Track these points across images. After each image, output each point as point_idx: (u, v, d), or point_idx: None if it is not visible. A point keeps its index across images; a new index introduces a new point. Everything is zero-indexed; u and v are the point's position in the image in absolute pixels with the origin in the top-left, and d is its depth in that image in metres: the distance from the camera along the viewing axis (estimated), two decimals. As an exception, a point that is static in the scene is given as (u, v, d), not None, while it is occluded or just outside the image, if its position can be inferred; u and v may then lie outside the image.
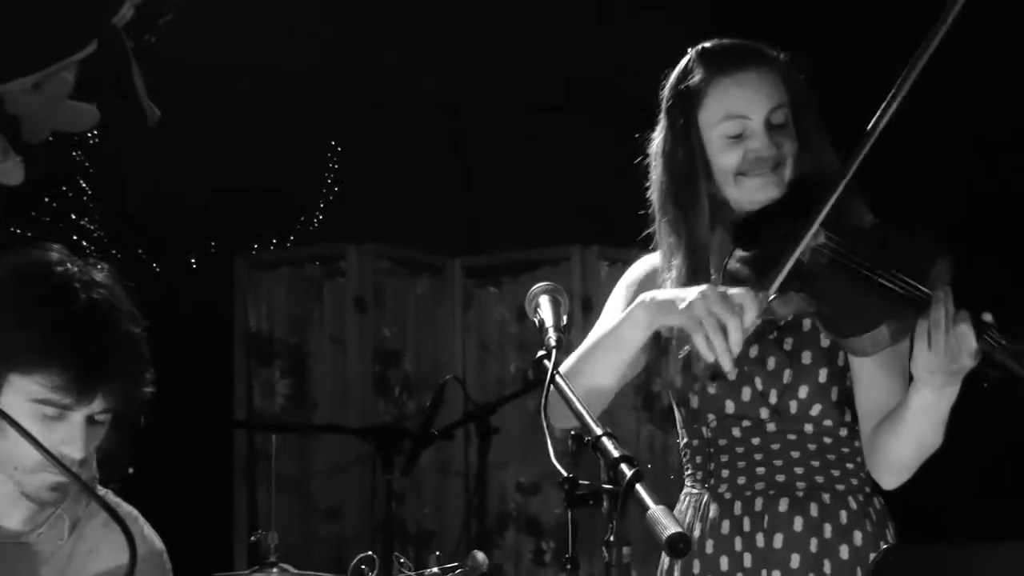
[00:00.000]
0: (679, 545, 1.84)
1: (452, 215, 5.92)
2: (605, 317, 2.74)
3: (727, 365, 2.38)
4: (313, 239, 6.03)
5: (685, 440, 2.79)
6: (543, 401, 2.22)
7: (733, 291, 2.41)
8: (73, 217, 5.73)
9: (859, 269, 2.45)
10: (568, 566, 3.76)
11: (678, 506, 2.74)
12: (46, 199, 5.48)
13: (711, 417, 2.70)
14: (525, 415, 5.30)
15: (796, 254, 2.45)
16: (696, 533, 2.69)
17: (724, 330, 2.38)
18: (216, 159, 5.55)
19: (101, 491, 2.57)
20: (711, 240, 2.65)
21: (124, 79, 4.59)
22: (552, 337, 2.31)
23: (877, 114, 2.40)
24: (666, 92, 2.71)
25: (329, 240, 5.80)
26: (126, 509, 2.59)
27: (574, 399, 2.20)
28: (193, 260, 6.06)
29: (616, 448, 2.01)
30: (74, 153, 5.63)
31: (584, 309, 5.39)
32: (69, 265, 2.41)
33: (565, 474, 2.09)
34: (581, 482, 2.10)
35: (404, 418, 5.40)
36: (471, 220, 5.96)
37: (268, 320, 5.70)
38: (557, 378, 2.25)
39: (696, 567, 2.70)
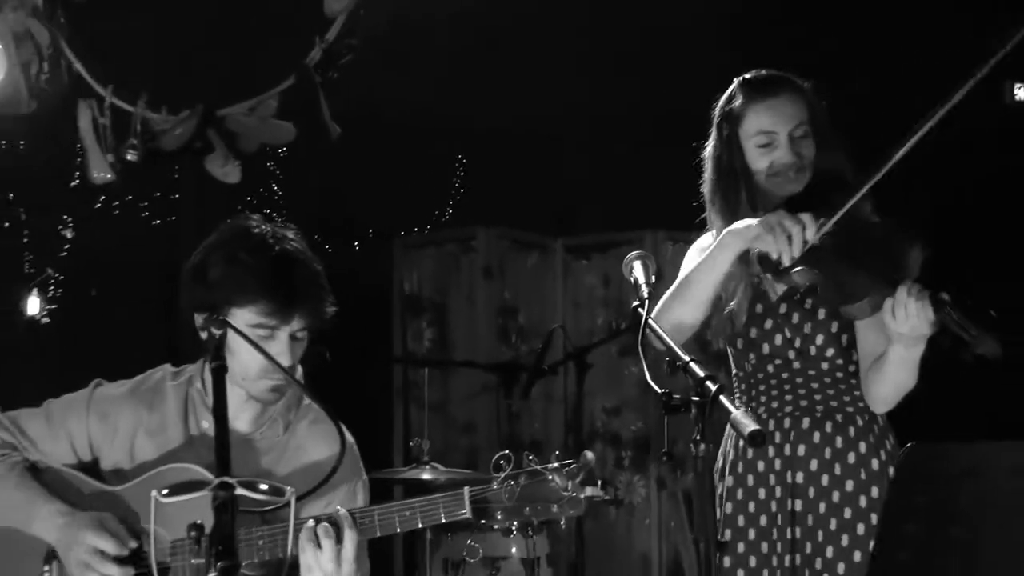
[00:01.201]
0: (758, 438, 1.89)
1: (555, 205, 5.91)
2: (681, 273, 2.78)
3: (787, 261, 2.45)
4: (452, 224, 6.04)
5: (733, 373, 2.83)
6: (639, 337, 2.25)
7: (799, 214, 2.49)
8: (266, 211, 5.79)
9: (852, 255, 2.50)
10: (664, 458, 3.88)
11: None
12: (248, 198, 5.54)
13: (752, 356, 2.75)
14: (609, 356, 5.34)
15: (828, 227, 2.50)
16: (743, 443, 2.70)
17: (789, 236, 2.46)
18: (375, 166, 5.58)
19: (306, 401, 2.65)
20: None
21: (313, 105, 4.64)
22: (644, 290, 2.35)
23: (901, 149, 2.40)
24: (716, 111, 2.79)
25: (464, 225, 5.81)
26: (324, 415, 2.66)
27: (663, 334, 2.25)
28: (356, 243, 6.10)
29: (701, 369, 2.05)
30: (268, 163, 5.69)
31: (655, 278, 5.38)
32: (264, 227, 2.52)
33: (660, 390, 2.11)
34: (674, 396, 2.10)
35: (519, 358, 5.41)
36: (568, 208, 5.95)
37: (418, 285, 5.77)
38: (650, 320, 2.28)
39: (740, 467, 2.74)
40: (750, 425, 1.92)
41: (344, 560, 2.25)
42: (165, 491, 2.07)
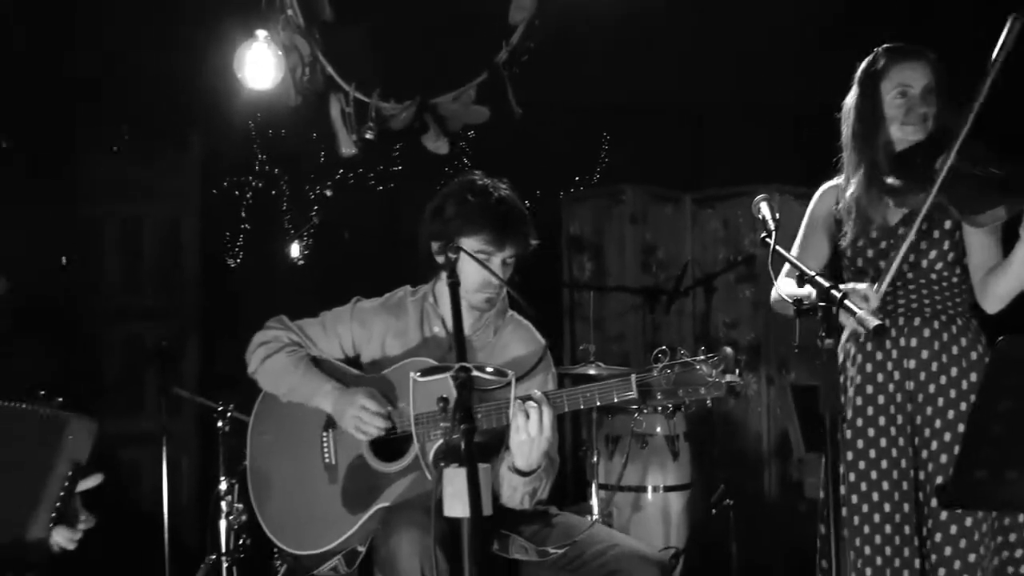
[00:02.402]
0: (881, 330, 1.86)
1: (685, 166, 5.84)
2: (807, 218, 2.78)
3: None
4: (606, 183, 6.02)
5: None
6: (769, 260, 2.22)
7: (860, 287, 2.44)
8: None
9: (980, 174, 2.40)
10: (796, 350, 3.84)
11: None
12: (446, 169, 5.61)
13: (871, 271, 2.67)
14: (728, 282, 5.27)
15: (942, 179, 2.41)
16: (862, 339, 2.66)
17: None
18: (548, 139, 5.57)
19: (508, 312, 2.69)
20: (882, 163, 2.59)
21: (501, 93, 4.64)
22: (771, 224, 2.30)
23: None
24: (859, 73, 2.71)
25: (615, 183, 5.75)
26: (524, 323, 2.70)
27: (789, 256, 2.21)
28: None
29: (826, 280, 2.02)
30: (461, 143, 5.71)
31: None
32: (486, 179, 2.54)
33: (791, 300, 2.07)
34: (805, 303, 2.06)
35: (658, 284, 5.39)
36: (696, 168, 5.87)
37: (581, 229, 5.76)
38: (776, 247, 2.24)
39: (859, 358, 2.69)
40: (875, 320, 1.89)
41: (544, 427, 2.29)
42: (418, 373, 2.13)
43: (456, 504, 1.61)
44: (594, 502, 3.96)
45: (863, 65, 2.70)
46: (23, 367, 4.13)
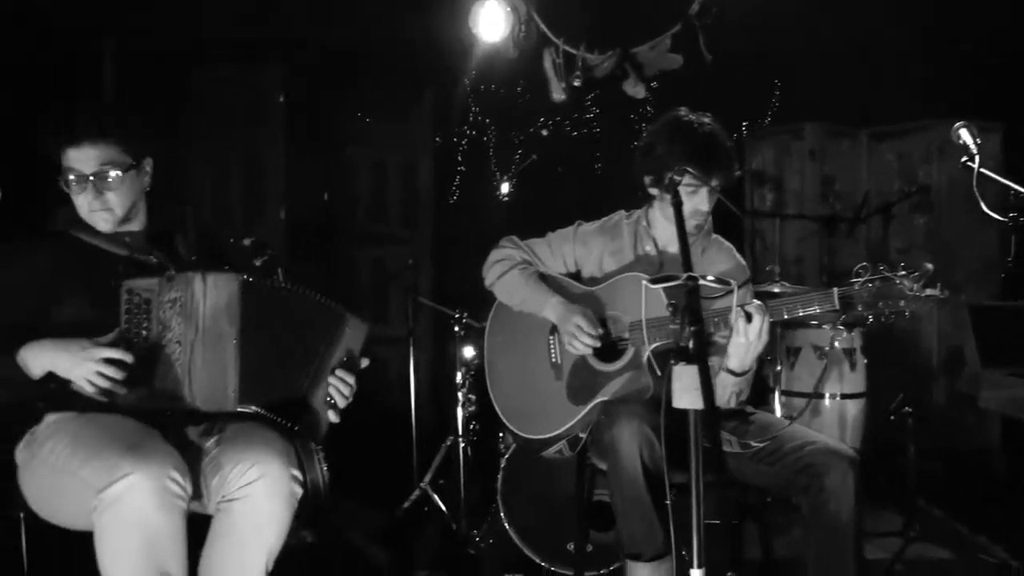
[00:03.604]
0: None
1: (861, 104, 5.44)
2: None
3: None
4: (787, 120, 5.71)
5: None
6: (974, 182, 2.02)
7: None
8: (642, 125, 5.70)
9: None
10: (1009, 264, 3.56)
11: None
12: (640, 110, 5.43)
13: None
14: (903, 211, 4.94)
15: None
16: None
17: None
18: (731, 82, 5.30)
19: (713, 235, 2.59)
20: None
21: (693, 41, 4.46)
22: (973, 148, 2.09)
23: None
24: None
25: (795, 121, 5.43)
26: (726, 244, 2.60)
27: (997, 176, 2.00)
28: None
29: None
30: (654, 85, 5.52)
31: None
32: (691, 115, 2.43)
33: (1002, 218, 1.88)
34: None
35: (835, 213, 5.09)
36: (870, 103, 5.46)
37: (762, 163, 5.51)
38: (981, 169, 2.03)
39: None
40: None
41: (762, 332, 2.20)
42: (646, 280, 2.07)
43: (684, 397, 1.57)
44: (776, 407, 3.84)
45: None
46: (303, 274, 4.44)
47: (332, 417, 2.15)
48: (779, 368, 3.87)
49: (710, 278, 1.73)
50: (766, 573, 2.76)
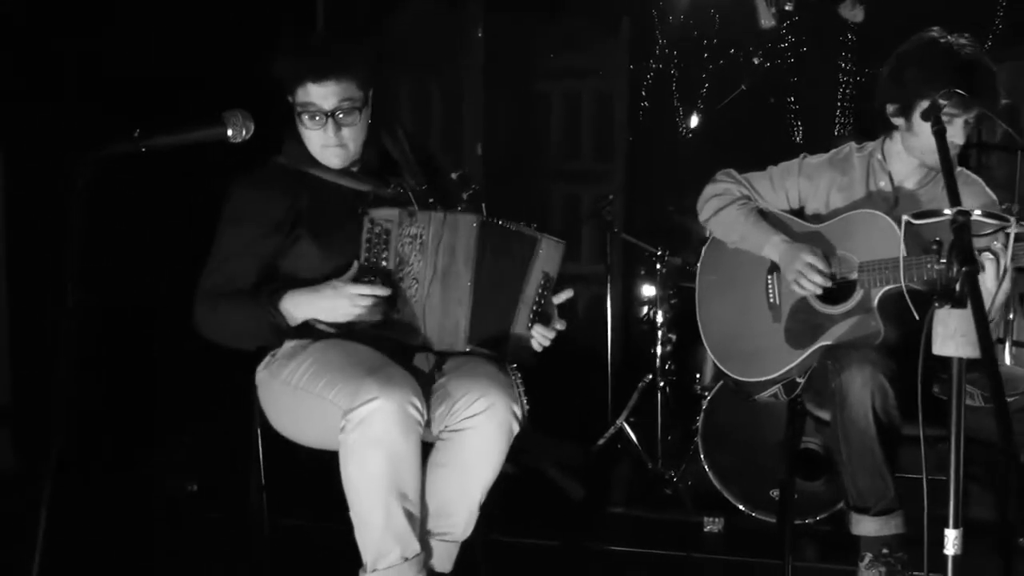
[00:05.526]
0: None
1: None
2: None
3: None
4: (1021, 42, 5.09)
5: None
6: None
7: None
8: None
9: None
10: None
11: None
12: (840, 38, 4.98)
13: None
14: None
15: None
16: None
17: None
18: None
19: (959, 168, 2.37)
20: None
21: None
22: None
23: None
24: None
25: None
26: (973, 177, 2.38)
27: None
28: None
29: None
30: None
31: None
32: (948, 35, 2.20)
33: None
34: None
35: None
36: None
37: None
38: None
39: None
40: None
41: (1004, 279, 1.99)
42: (908, 216, 1.91)
43: (948, 344, 1.43)
44: (1006, 358, 3.52)
45: None
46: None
47: (542, 340, 2.15)
48: (1012, 316, 3.53)
49: (978, 212, 1.57)
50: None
